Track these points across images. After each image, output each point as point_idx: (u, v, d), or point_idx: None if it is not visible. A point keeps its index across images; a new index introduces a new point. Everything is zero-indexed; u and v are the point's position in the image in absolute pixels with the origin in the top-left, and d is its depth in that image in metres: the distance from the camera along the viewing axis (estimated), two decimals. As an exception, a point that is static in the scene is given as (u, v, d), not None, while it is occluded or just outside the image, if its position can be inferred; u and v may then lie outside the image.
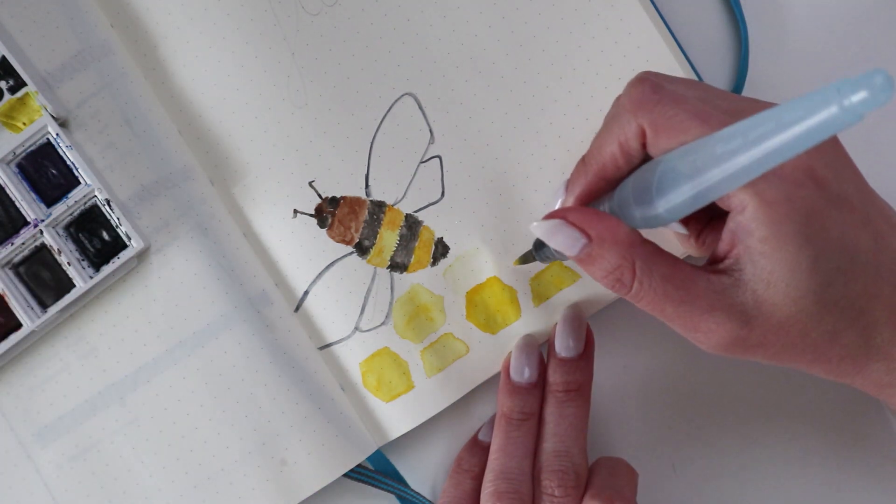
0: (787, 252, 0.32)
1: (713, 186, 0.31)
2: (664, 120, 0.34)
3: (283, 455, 0.43)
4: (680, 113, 0.34)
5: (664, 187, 0.32)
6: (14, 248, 0.42)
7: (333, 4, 0.45)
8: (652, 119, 0.34)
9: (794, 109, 0.26)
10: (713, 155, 0.30)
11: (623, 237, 0.34)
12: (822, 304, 0.33)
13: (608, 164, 0.36)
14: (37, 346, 0.44)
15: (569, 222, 0.35)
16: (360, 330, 0.44)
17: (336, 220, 0.45)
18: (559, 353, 0.43)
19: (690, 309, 0.34)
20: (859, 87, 0.24)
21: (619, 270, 0.34)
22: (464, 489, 0.43)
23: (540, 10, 0.44)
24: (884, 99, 0.24)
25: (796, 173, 0.33)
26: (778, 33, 0.47)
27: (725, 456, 0.45)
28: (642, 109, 0.35)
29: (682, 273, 0.34)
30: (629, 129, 0.35)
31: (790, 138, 0.27)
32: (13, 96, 0.43)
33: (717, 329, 0.34)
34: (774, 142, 0.27)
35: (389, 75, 0.45)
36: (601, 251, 0.35)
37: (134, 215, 0.44)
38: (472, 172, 0.45)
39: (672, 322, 0.35)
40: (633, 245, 0.34)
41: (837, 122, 0.25)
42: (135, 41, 0.45)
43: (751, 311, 0.33)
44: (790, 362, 0.35)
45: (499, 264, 0.44)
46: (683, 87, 0.36)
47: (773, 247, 0.32)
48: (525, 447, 0.42)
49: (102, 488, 0.44)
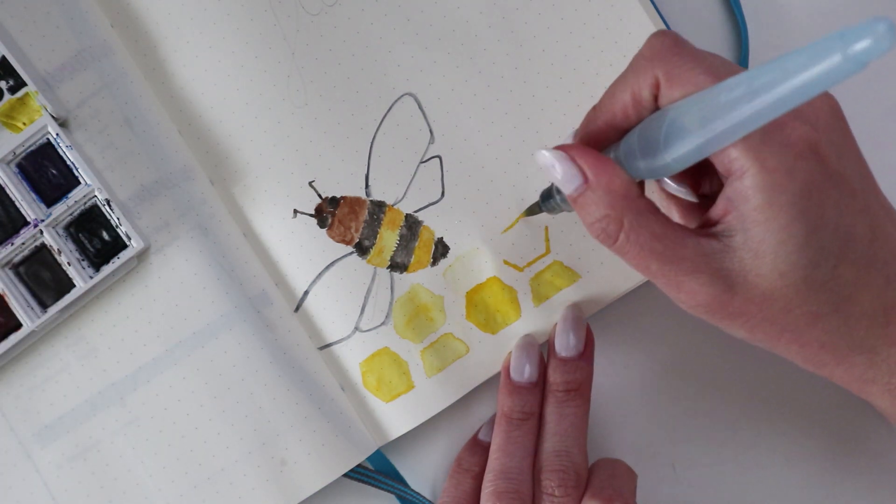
0: (779, 223, 0.32)
1: (718, 135, 0.30)
2: (680, 72, 0.33)
3: (283, 455, 0.43)
4: (696, 67, 0.33)
5: (671, 136, 0.32)
6: (14, 248, 0.42)
7: (333, 4, 0.45)
8: (667, 70, 0.34)
9: (798, 58, 0.26)
10: (717, 103, 0.30)
11: (618, 186, 0.34)
12: (809, 283, 0.33)
13: (618, 113, 0.36)
14: (37, 346, 0.44)
15: (570, 157, 0.35)
16: (360, 330, 0.44)
17: (336, 220, 0.45)
18: (559, 353, 0.43)
19: (675, 268, 0.33)
20: (862, 35, 0.24)
21: (605, 220, 0.34)
22: (464, 489, 0.43)
23: (540, 10, 0.44)
24: (886, 46, 0.24)
25: (800, 145, 0.32)
26: (778, 33, 0.47)
27: (725, 456, 0.45)
28: (659, 59, 0.34)
29: (671, 232, 0.34)
30: (644, 78, 0.34)
31: (794, 87, 0.27)
32: (13, 96, 0.43)
33: (700, 291, 0.33)
34: (779, 90, 0.27)
35: (389, 75, 0.45)
36: (594, 196, 0.34)
37: (134, 215, 0.44)
38: (472, 172, 0.45)
39: (655, 279, 0.34)
40: (626, 197, 0.34)
41: (841, 70, 0.25)
42: (135, 41, 0.45)
43: (735, 277, 0.33)
44: (769, 340, 0.35)
45: (499, 264, 0.44)
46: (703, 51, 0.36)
47: (766, 216, 0.32)
48: (525, 447, 0.42)
49: (102, 488, 0.44)
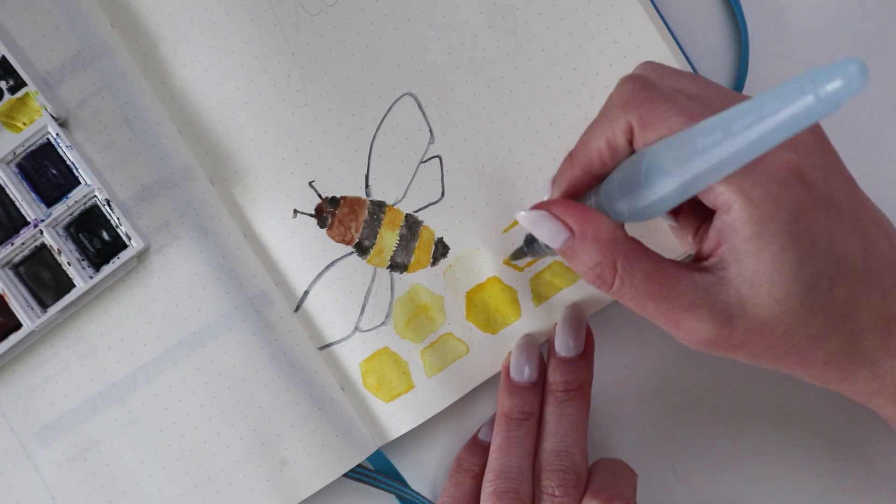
0: (771, 252, 0.32)
1: (696, 178, 0.31)
2: (652, 116, 0.34)
3: (283, 455, 0.43)
4: (668, 110, 0.33)
5: (651, 179, 0.32)
6: (14, 248, 0.42)
7: (333, 4, 0.45)
8: (640, 115, 0.34)
9: (772, 101, 0.27)
10: (695, 148, 0.30)
11: (605, 233, 0.34)
12: (807, 307, 0.33)
13: (594, 159, 0.36)
14: (37, 346, 0.44)
15: (553, 214, 0.35)
16: (360, 330, 0.44)
17: (336, 220, 0.45)
18: (559, 353, 0.43)
19: (672, 306, 0.34)
20: (834, 76, 0.25)
21: (599, 267, 0.34)
22: (464, 489, 0.43)
23: (540, 10, 0.44)
24: (858, 87, 0.24)
25: (784, 173, 0.32)
26: (778, 33, 0.47)
27: (725, 456, 0.45)
28: (631, 105, 0.34)
29: (664, 270, 0.34)
30: (617, 124, 0.35)
31: (769, 129, 0.27)
32: (13, 96, 0.43)
33: (699, 327, 0.34)
34: (754, 133, 0.27)
35: (389, 75, 0.45)
36: (583, 246, 0.35)
37: (134, 215, 0.44)
38: (472, 172, 0.45)
39: (655, 319, 0.35)
40: (615, 241, 0.34)
41: (814, 111, 0.25)
42: (135, 41, 0.45)
43: (733, 310, 0.33)
44: (774, 364, 0.35)
45: (499, 264, 0.44)
46: (679, 81, 0.36)
47: (757, 246, 0.32)
48: (525, 447, 0.42)
49: (102, 488, 0.44)
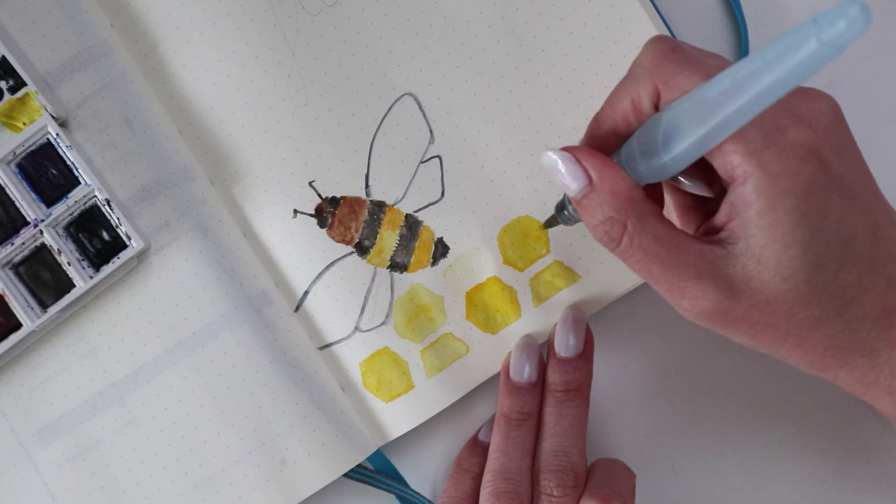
0: (783, 227, 0.32)
1: (711, 130, 0.31)
2: (678, 79, 0.34)
3: (283, 455, 0.43)
4: (695, 73, 0.33)
5: (667, 136, 0.32)
6: (14, 248, 0.42)
7: (333, 4, 0.45)
8: (666, 78, 0.34)
9: (776, 47, 0.27)
10: (706, 99, 0.30)
11: (622, 189, 0.34)
12: (811, 287, 0.33)
13: (619, 121, 0.36)
14: (37, 346, 0.44)
15: (575, 159, 0.35)
16: (360, 330, 0.44)
17: (336, 220, 0.45)
18: (558, 353, 0.43)
19: (678, 274, 0.34)
20: (836, 18, 0.25)
21: (609, 222, 0.34)
22: (464, 489, 0.43)
23: (540, 10, 0.44)
24: (860, 28, 0.25)
25: (802, 150, 0.32)
26: (778, 33, 0.47)
27: (725, 456, 0.45)
28: (658, 67, 0.34)
29: (674, 237, 0.34)
30: (643, 88, 0.35)
31: (776, 77, 0.27)
32: (13, 96, 0.43)
33: (703, 297, 0.34)
34: (762, 81, 0.28)
35: (389, 75, 0.45)
36: (598, 198, 0.34)
37: (134, 215, 0.44)
38: (472, 172, 0.45)
39: (658, 284, 0.35)
40: (630, 199, 0.34)
41: (819, 56, 0.26)
42: (135, 41, 0.45)
43: (739, 283, 0.33)
44: (772, 345, 0.35)
45: (498, 264, 0.44)
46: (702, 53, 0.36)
47: (769, 221, 0.32)
48: (524, 447, 0.42)
49: (102, 488, 0.44)
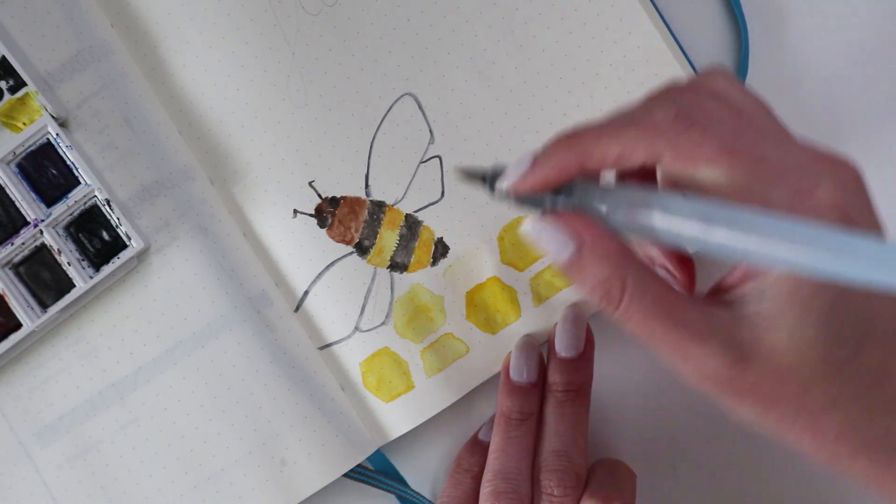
0: (801, 295, 0.30)
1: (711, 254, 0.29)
2: (688, 146, 0.30)
3: (283, 455, 0.43)
4: (707, 142, 0.30)
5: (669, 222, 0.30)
6: (14, 248, 0.42)
7: (333, 4, 0.45)
8: (673, 145, 0.31)
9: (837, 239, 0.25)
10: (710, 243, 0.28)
11: (615, 249, 0.31)
12: (828, 363, 0.30)
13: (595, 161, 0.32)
14: (37, 346, 0.44)
15: (561, 223, 0.32)
16: (360, 330, 0.44)
17: (336, 220, 0.45)
18: (559, 353, 0.43)
19: (682, 335, 0.31)
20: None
21: (608, 282, 0.31)
22: (463, 489, 0.43)
23: (540, 10, 0.44)
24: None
25: (831, 213, 0.30)
26: (778, 33, 0.47)
27: (725, 456, 0.45)
28: (663, 137, 0.31)
29: (675, 297, 0.31)
30: (640, 148, 0.31)
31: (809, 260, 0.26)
32: (13, 96, 0.43)
33: (709, 361, 0.30)
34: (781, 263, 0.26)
35: (389, 75, 0.45)
36: (592, 258, 0.31)
37: (134, 215, 0.44)
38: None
39: (661, 346, 0.32)
40: (625, 257, 0.31)
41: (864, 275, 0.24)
42: (135, 41, 0.45)
43: (748, 349, 0.30)
44: (781, 423, 0.31)
45: (498, 264, 0.44)
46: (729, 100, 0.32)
47: (787, 288, 0.30)
48: (524, 447, 0.42)
49: (102, 488, 0.44)
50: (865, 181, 0.32)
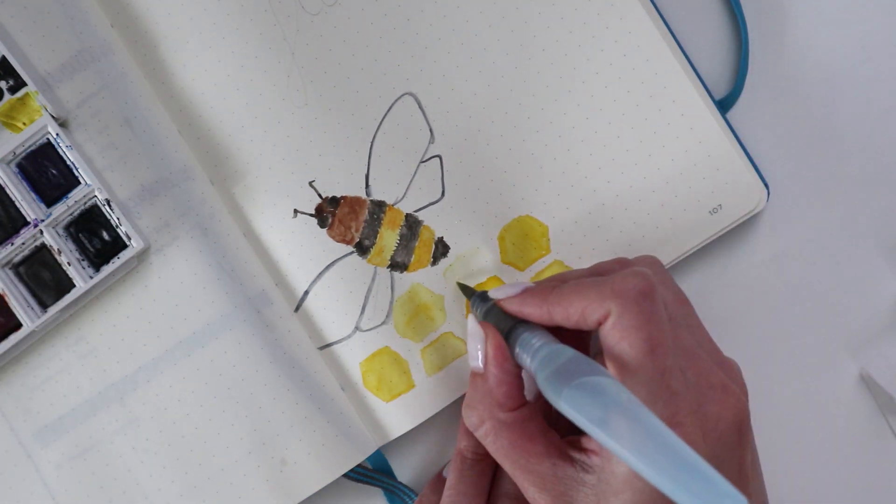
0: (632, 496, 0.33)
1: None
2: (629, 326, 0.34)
3: (283, 455, 0.43)
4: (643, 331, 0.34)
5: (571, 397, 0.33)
6: (14, 248, 0.42)
7: (333, 4, 0.45)
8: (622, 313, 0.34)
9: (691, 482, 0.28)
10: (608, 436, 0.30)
11: (499, 395, 0.37)
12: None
13: (561, 317, 0.36)
14: (37, 346, 0.44)
15: (486, 343, 0.38)
16: (360, 329, 0.44)
17: (336, 219, 0.45)
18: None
19: (524, 476, 0.36)
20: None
21: (473, 410, 0.38)
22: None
23: (540, 9, 0.44)
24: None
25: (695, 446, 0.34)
26: (778, 33, 0.47)
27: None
28: (621, 300, 0.35)
29: (533, 446, 0.36)
30: (599, 307, 0.35)
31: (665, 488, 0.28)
32: (13, 96, 0.43)
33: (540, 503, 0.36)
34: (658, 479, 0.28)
35: (389, 75, 0.45)
36: (480, 386, 0.38)
37: (134, 215, 0.44)
38: (472, 172, 0.45)
39: (510, 473, 0.37)
40: (499, 406, 0.37)
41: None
42: (135, 41, 0.45)
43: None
44: None
45: (498, 264, 0.44)
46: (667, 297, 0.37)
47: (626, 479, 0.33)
48: (477, 487, 0.41)
49: (102, 488, 0.43)
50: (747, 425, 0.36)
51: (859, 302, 0.46)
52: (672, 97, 0.44)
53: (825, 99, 0.47)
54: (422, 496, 0.44)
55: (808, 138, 0.47)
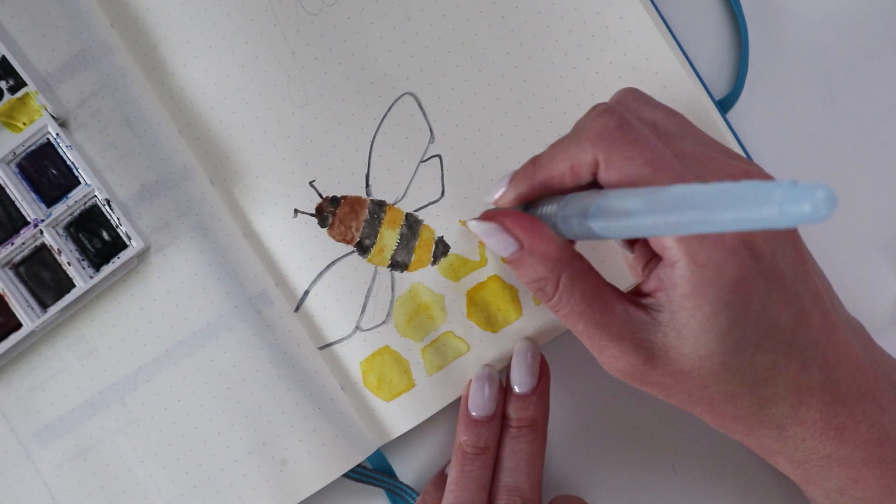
0: (703, 313, 0.33)
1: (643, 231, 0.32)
2: (620, 159, 0.34)
3: (283, 455, 0.43)
4: (636, 156, 0.34)
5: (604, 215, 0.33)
6: (14, 248, 0.42)
7: (333, 4, 0.45)
8: (608, 155, 0.35)
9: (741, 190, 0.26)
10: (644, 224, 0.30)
11: (553, 252, 0.36)
12: (726, 368, 0.34)
13: (555, 178, 0.37)
14: (37, 346, 0.44)
15: (505, 228, 0.37)
16: (360, 329, 0.44)
17: (337, 219, 0.45)
18: (513, 389, 0.43)
19: (600, 333, 0.35)
20: (802, 198, 0.24)
21: (543, 281, 0.36)
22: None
23: (539, 8, 0.44)
24: (823, 214, 0.24)
25: (734, 241, 0.33)
26: (778, 33, 0.47)
27: (726, 457, 0.45)
28: (601, 143, 0.35)
29: (602, 296, 0.36)
30: (584, 156, 0.35)
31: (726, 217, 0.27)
32: (13, 96, 0.43)
33: (621, 357, 0.35)
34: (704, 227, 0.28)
35: (389, 75, 0.45)
36: (530, 260, 0.36)
37: (134, 215, 0.44)
38: (472, 172, 0.45)
39: (581, 338, 0.36)
40: (560, 259, 0.36)
41: (772, 222, 0.25)
42: (135, 41, 0.45)
43: (657, 351, 0.35)
44: (684, 406, 0.37)
45: (499, 263, 0.44)
46: (656, 114, 0.37)
47: (692, 304, 0.33)
48: (479, 481, 0.42)
49: (102, 488, 0.43)
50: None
51: (859, 302, 0.46)
52: (672, 97, 0.44)
53: (825, 99, 0.47)
54: (424, 493, 0.44)
55: (808, 138, 0.47)
